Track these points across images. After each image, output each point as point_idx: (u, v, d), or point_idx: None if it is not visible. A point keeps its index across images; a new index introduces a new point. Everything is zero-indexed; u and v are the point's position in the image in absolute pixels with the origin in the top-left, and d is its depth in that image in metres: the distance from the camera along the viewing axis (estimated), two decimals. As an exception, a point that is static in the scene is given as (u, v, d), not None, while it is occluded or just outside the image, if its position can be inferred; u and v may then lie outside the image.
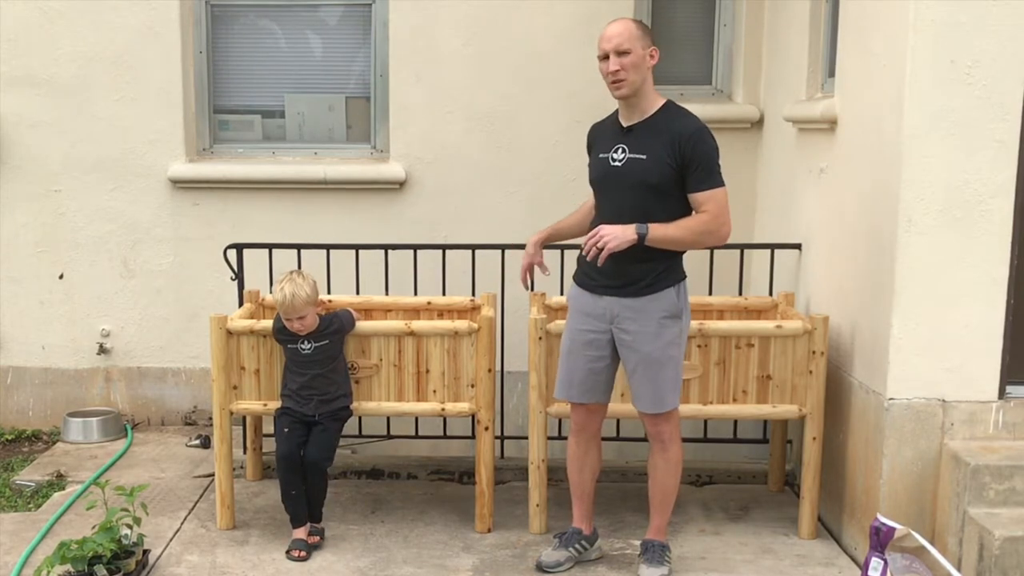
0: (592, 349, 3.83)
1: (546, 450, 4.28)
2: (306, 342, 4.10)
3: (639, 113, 3.71)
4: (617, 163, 3.70)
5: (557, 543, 4.07)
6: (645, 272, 3.70)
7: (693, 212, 3.68)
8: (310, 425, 4.15)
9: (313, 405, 4.12)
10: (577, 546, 4.04)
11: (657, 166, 3.63)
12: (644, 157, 3.65)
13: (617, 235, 3.59)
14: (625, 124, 3.74)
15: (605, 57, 3.64)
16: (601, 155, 3.77)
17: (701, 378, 4.22)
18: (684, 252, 3.78)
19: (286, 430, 4.13)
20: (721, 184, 3.67)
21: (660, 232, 3.62)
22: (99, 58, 5.58)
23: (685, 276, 3.81)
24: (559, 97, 5.40)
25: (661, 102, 3.73)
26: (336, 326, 4.15)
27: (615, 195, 3.72)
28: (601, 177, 3.78)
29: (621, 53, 3.60)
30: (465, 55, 5.58)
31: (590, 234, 3.68)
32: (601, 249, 3.60)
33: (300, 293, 4.02)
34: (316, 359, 4.10)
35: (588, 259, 3.67)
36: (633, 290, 3.71)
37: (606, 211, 3.77)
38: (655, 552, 3.92)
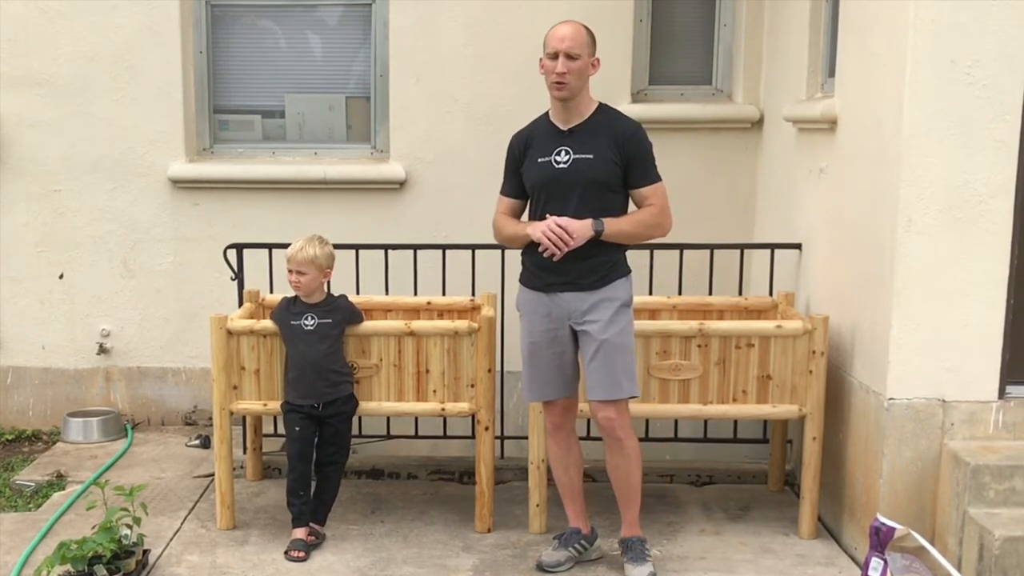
0: (557, 345, 3.86)
1: (546, 450, 4.27)
2: (310, 318, 4.12)
3: (577, 115, 3.78)
4: (562, 165, 3.74)
5: (557, 543, 4.07)
6: (598, 265, 3.76)
7: (633, 207, 3.81)
8: (319, 421, 4.16)
9: (316, 390, 4.11)
10: (577, 546, 4.04)
11: (604, 164, 3.71)
12: (591, 156, 3.72)
13: (581, 234, 3.67)
14: (564, 127, 3.79)
15: (554, 56, 3.69)
16: (541, 159, 3.79)
17: (701, 378, 4.22)
18: (628, 247, 3.86)
19: (297, 428, 4.14)
20: (660, 179, 3.80)
21: (615, 227, 3.73)
22: (99, 58, 5.58)
23: (631, 270, 3.88)
24: (559, 97, 5.39)
25: (596, 104, 3.82)
26: (343, 307, 4.20)
27: (561, 196, 3.73)
28: (545, 180, 3.78)
29: (571, 57, 3.68)
30: (465, 55, 5.58)
31: (549, 224, 3.67)
32: (562, 246, 3.65)
33: (308, 249, 4.14)
34: (318, 335, 4.11)
35: (545, 254, 3.70)
36: (589, 283, 3.76)
37: (551, 213, 3.74)
38: (636, 549, 3.92)
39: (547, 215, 3.75)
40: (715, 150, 5.60)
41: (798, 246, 4.85)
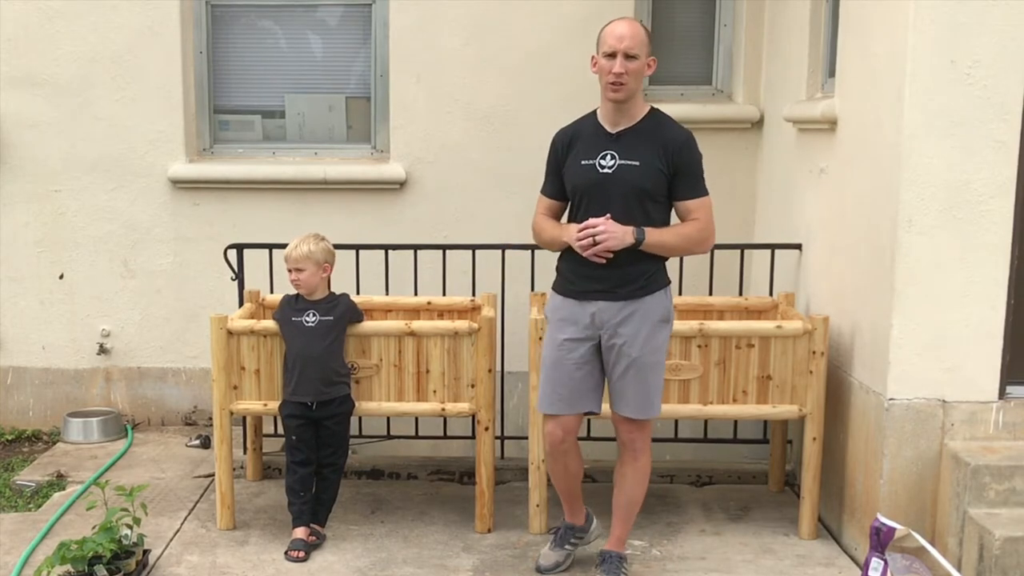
0: (579, 359, 3.72)
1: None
2: (311, 315, 4.12)
3: (628, 119, 3.63)
4: (607, 170, 3.60)
5: (552, 542, 4.05)
6: (638, 274, 3.63)
7: (677, 219, 3.68)
8: (316, 424, 4.16)
9: (312, 388, 4.11)
10: (573, 540, 4.02)
11: (651, 172, 3.58)
12: (637, 163, 3.58)
13: (617, 235, 3.54)
14: (612, 130, 3.64)
15: (611, 55, 3.52)
16: (585, 161, 3.64)
17: (701, 378, 4.22)
18: (668, 257, 3.74)
19: (294, 438, 4.15)
20: (707, 193, 3.68)
21: (656, 238, 3.60)
22: (99, 58, 5.58)
23: (670, 281, 3.77)
24: (559, 97, 5.39)
25: (647, 108, 3.68)
26: (344, 306, 4.20)
27: (604, 202, 3.59)
28: (587, 184, 3.63)
29: (629, 57, 3.51)
30: (465, 55, 5.58)
31: (587, 223, 3.57)
32: (596, 243, 3.54)
33: (303, 246, 4.16)
34: (318, 332, 4.11)
35: (581, 250, 3.57)
36: (625, 292, 3.63)
37: (591, 218, 3.60)
38: (613, 563, 3.86)
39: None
40: (715, 150, 5.54)
41: (798, 246, 4.85)
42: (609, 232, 3.54)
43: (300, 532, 4.16)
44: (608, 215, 3.57)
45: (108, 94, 5.61)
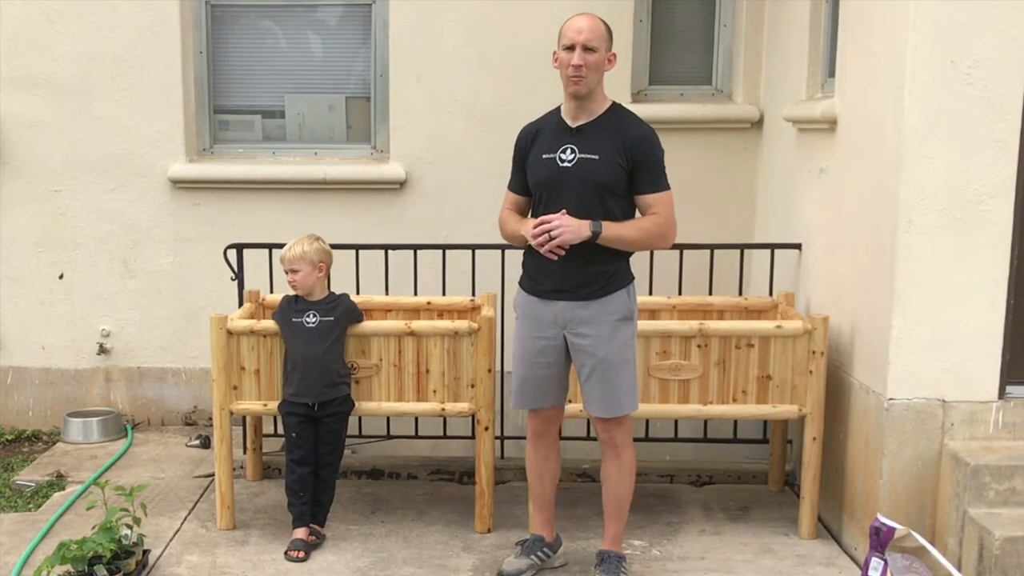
0: (544, 355, 3.75)
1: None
2: (312, 315, 4.12)
3: (587, 113, 3.65)
4: (567, 163, 3.62)
5: (519, 551, 4.01)
6: (596, 275, 3.64)
7: (637, 214, 3.69)
8: (315, 422, 4.16)
9: (314, 389, 4.11)
10: (540, 553, 3.97)
11: (610, 166, 3.59)
12: (596, 157, 3.60)
13: (572, 228, 3.55)
14: (572, 124, 3.67)
15: (570, 48, 3.57)
16: (545, 156, 3.67)
17: (701, 378, 4.22)
18: (632, 254, 3.74)
19: (294, 435, 4.14)
20: (668, 187, 3.67)
21: (614, 231, 3.60)
22: (99, 58, 5.58)
23: (634, 278, 3.77)
24: (559, 96, 5.37)
25: (609, 103, 3.70)
26: (344, 306, 4.21)
27: (563, 196, 3.61)
28: (547, 178, 3.66)
29: (588, 49, 3.56)
30: (465, 55, 5.58)
31: (541, 219, 3.59)
32: (552, 238, 3.55)
33: (296, 247, 4.18)
34: (319, 333, 4.11)
35: (537, 247, 3.59)
36: (585, 293, 3.64)
37: (551, 212, 3.62)
38: (611, 564, 3.85)
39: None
40: (715, 150, 5.60)
41: (798, 246, 4.85)
42: (564, 226, 3.55)
43: (300, 532, 4.16)
44: (564, 210, 3.58)
45: (108, 94, 5.62)
